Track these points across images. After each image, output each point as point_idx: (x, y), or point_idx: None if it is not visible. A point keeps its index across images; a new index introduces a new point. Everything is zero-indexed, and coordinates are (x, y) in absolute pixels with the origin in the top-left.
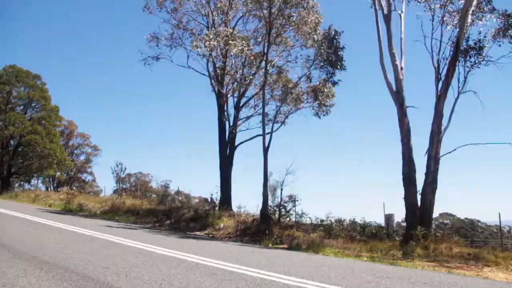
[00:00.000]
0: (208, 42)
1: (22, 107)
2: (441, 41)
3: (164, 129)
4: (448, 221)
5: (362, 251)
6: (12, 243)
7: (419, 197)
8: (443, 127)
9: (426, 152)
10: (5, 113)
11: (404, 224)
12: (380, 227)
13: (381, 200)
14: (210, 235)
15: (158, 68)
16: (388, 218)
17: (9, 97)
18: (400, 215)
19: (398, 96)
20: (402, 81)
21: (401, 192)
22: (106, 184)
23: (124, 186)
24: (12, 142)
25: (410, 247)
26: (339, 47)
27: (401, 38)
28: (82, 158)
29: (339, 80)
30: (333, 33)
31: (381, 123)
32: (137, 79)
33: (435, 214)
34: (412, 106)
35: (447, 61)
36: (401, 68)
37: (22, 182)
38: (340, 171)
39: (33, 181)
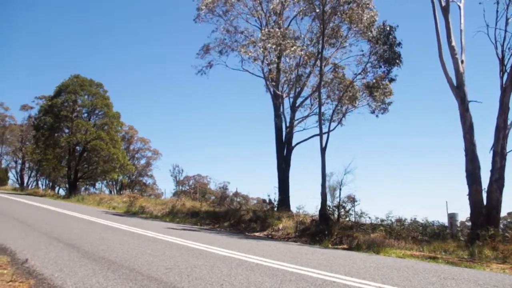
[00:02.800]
0: (261, 43)
1: (86, 114)
2: (505, 30)
3: (221, 131)
4: None
5: (425, 252)
6: (81, 245)
7: (484, 195)
8: (509, 121)
9: (491, 148)
10: (72, 121)
11: (469, 223)
12: (443, 227)
13: (443, 199)
14: (270, 236)
15: (213, 71)
16: (452, 217)
17: (75, 106)
18: (464, 214)
19: (459, 90)
20: (463, 75)
21: (465, 190)
22: (166, 187)
23: (183, 189)
24: (78, 148)
25: (476, 248)
26: (395, 43)
27: (460, 30)
28: (142, 162)
29: (396, 76)
30: (387, 28)
31: (441, 119)
32: (193, 81)
33: (503, 213)
34: (475, 101)
35: None
36: (462, 62)
37: (87, 186)
38: (401, 169)
39: (98, 185)
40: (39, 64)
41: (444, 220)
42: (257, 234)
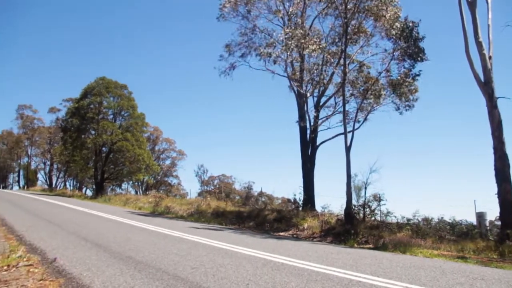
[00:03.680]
0: (283, 43)
1: (111, 116)
2: None
3: (246, 130)
4: None
5: (453, 251)
6: (108, 244)
7: None
8: None
9: None
10: (98, 123)
11: (498, 223)
12: (471, 226)
13: (471, 198)
14: (294, 236)
15: (237, 71)
16: (480, 216)
17: (100, 107)
18: (493, 213)
19: (486, 87)
20: (490, 71)
21: (493, 189)
22: (191, 187)
23: (208, 189)
24: (104, 149)
25: (506, 248)
26: (418, 38)
27: (488, 25)
28: (167, 162)
29: (420, 71)
30: (410, 24)
31: (468, 116)
32: (217, 81)
33: None
34: (503, 97)
35: None
36: (489, 57)
37: (114, 187)
38: (427, 168)
39: (124, 185)
40: (65, 66)
41: (472, 219)
42: (281, 234)
